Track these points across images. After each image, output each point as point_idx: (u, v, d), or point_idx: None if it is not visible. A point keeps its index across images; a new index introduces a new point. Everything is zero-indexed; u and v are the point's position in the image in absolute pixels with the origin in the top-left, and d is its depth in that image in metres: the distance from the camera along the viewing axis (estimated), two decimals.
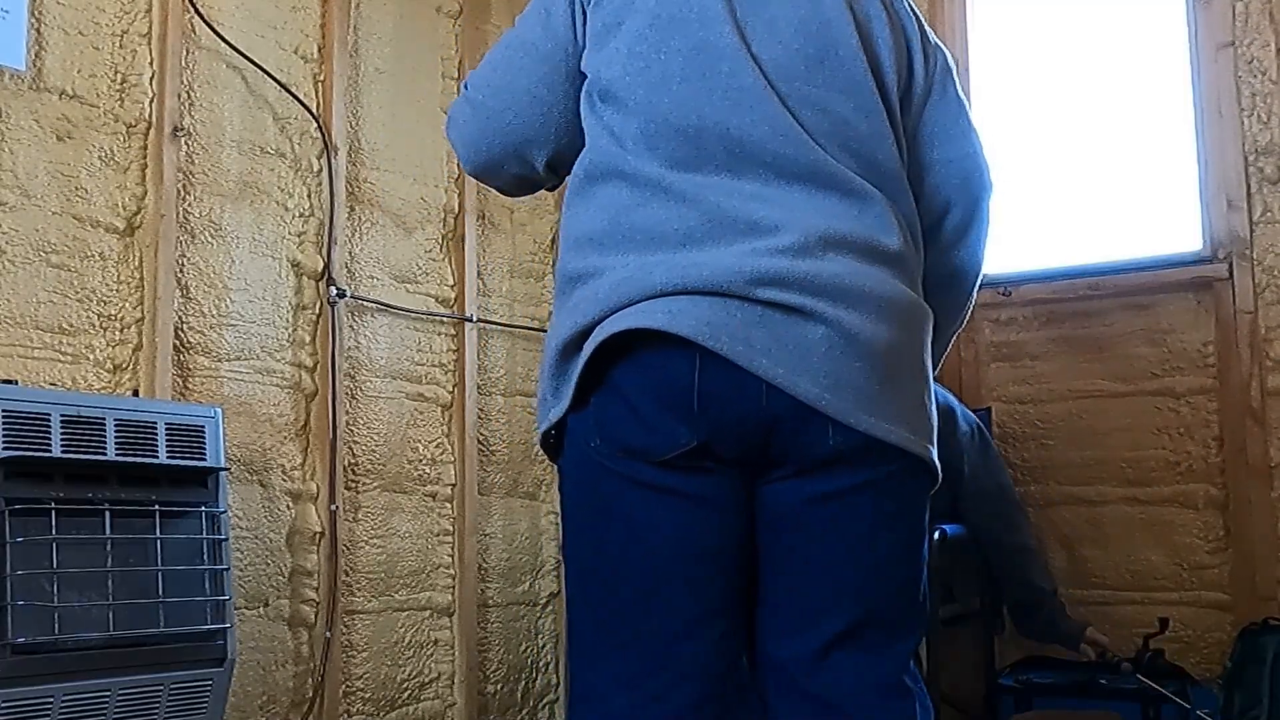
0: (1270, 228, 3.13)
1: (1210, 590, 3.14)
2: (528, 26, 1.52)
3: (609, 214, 1.40)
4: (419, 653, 3.14)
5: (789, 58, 1.42)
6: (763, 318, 1.32)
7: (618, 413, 1.36)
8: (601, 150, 1.43)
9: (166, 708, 2.19)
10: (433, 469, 3.22)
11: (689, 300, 1.32)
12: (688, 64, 1.40)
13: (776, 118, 1.39)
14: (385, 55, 3.21)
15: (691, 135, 1.38)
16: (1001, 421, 3.40)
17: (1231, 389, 3.12)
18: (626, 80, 1.41)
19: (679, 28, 1.41)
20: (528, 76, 1.50)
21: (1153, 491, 3.23)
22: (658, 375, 1.34)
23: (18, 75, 2.41)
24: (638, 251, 1.36)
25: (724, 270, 1.32)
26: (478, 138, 1.55)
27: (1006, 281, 3.47)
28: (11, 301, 2.37)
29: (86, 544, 2.12)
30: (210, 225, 2.73)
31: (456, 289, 3.32)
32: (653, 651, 1.36)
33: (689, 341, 1.31)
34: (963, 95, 1.60)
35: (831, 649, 1.38)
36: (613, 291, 1.35)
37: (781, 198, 1.37)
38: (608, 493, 1.38)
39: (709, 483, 1.36)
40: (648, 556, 1.36)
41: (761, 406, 1.33)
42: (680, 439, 1.33)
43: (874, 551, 1.39)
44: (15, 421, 2.07)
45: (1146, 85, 3.40)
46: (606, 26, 1.45)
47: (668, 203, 1.37)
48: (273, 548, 2.80)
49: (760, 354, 1.31)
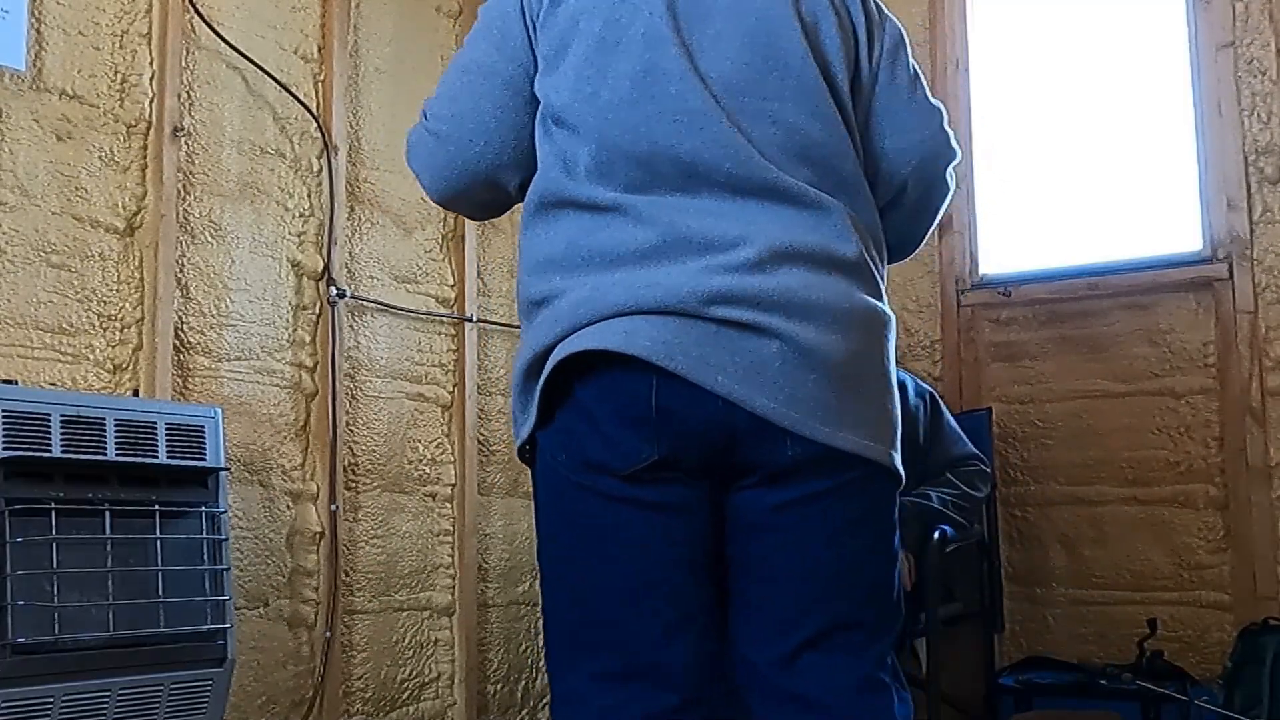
0: (1270, 228, 3.13)
1: (1210, 590, 3.14)
2: (482, 50, 1.50)
3: (567, 237, 1.41)
4: (419, 653, 3.14)
5: (737, 72, 1.41)
6: (717, 335, 1.34)
7: (582, 429, 1.39)
8: (553, 180, 1.43)
9: (166, 708, 2.19)
10: (433, 469, 3.22)
11: (645, 320, 1.34)
12: (635, 88, 1.40)
13: (727, 138, 1.39)
14: (385, 55, 3.21)
15: (644, 160, 1.39)
16: (1001, 421, 3.40)
17: (1231, 389, 3.12)
18: (576, 106, 1.41)
19: (625, 51, 1.41)
20: (491, 102, 1.48)
21: (1153, 491, 3.24)
22: (618, 393, 1.36)
23: (18, 75, 2.41)
24: (596, 272, 1.38)
25: (677, 289, 1.34)
26: (446, 167, 1.52)
27: (1006, 281, 3.47)
28: (11, 301, 2.37)
29: (86, 544, 2.12)
30: (210, 225, 2.73)
31: (456, 289, 3.32)
32: (631, 656, 1.38)
33: (645, 361, 1.33)
34: (916, 69, 1.58)
35: (804, 650, 1.41)
36: (571, 312, 1.37)
37: (737, 212, 1.38)
38: (577, 505, 1.41)
39: (675, 492, 1.39)
40: (619, 565, 1.39)
41: (719, 422, 1.35)
42: (642, 453, 1.36)
43: (841, 556, 1.42)
44: (15, 421, 2.06)
45: (1146, 85, 3.40)
46: (554, 50, 1.44)
47: (625, 224, 1.38)
48: (273, 548, 2.80)
49: (716, 371, 1.33)
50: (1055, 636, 3.31)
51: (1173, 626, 3.14)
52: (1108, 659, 3.09)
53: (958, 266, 3.52)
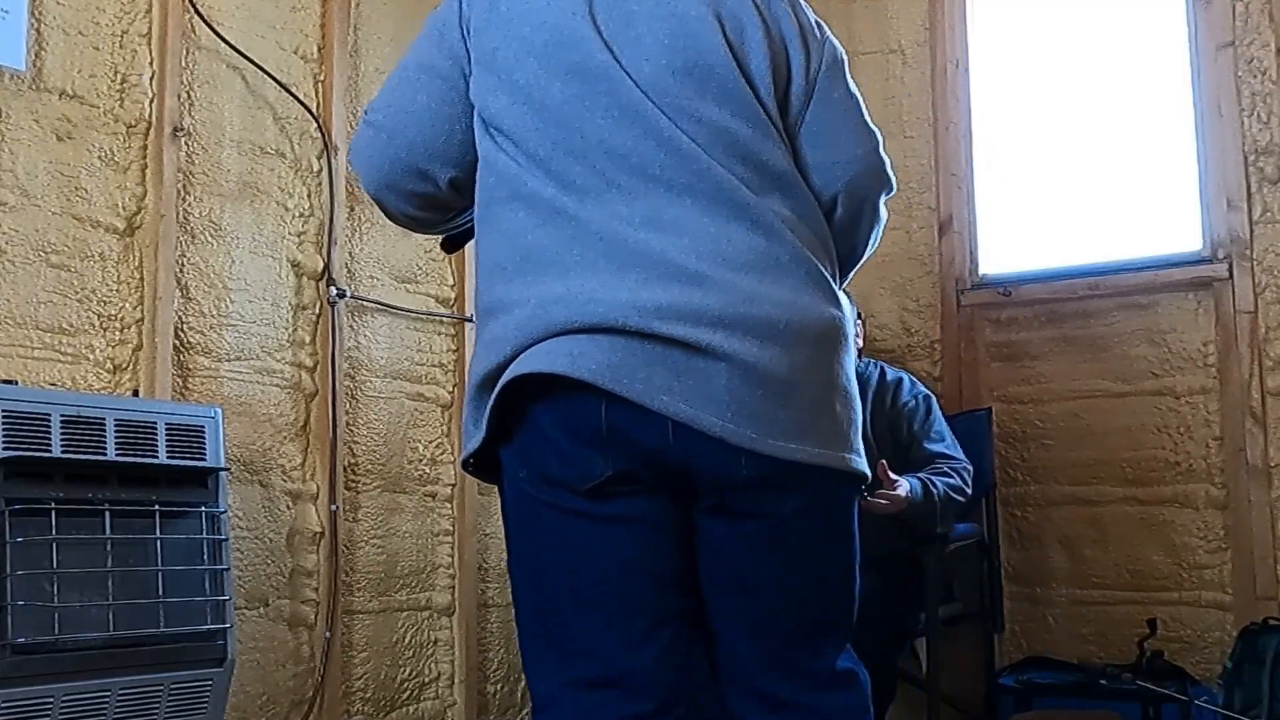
0: (1270, 228, 3.13)
1: (1210, 590, 3.14)
2: (423, 50, 1.53)
3: (508, 239, 1.42)
4: (419, 653, 3.14)
5: (658, 73, 1.43)
6: (663, 355, 1.34)
7: (538, 446, 1.41)
8: (500, 173, 1.44)
9: (166, 708, 2.19)
10: (433, 469, 3.22)
11: (589, 340, 1.34)
12: (567, 89, 1.41)
13: (660, 131, 1.40)
14: (385, 55, 3.21)
15: (579, 157, 1.40)
16: (1001, 421, 3.40)
17: (1231, 389, 3.12)
18: (513, 110, 1.43)
19: (553, 54, 1.43)
20: (428, 94, 1.50)
21: (1153, 491, 3.24)
22: (569, 413, 1.37)
23: (18, 75, 2.41)
24: (536, 279, 1.38)
25: (619, 305, 1.34)
26: (379, 156, 1.54)
27: (1006, 281, 3.47)
28: (11, 301, 2.37)
29: (86, 544, 2.12)
30: (210, 225, 2.73)
31: (456, 289, 3.32)
32: (601, 664, 1.40)
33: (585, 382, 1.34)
34: (854, 91, 1.58)
35: (778, 654, 1.46)
36: (518, 330, 1.38)
37: (674, 219, 1.39)
38: (542, 519, 1.43)
39: (636, 505, 1.41)
40: (583, 577, 1.41)
41: (669, 443, 1.36)
42: (596, 469, 1.38)
43: (806, 565, 1.46)
44: (15, 421, 2.06)
45: (1146, 85, 3.40)
46: (485, 53, 1.46)
47: (562, 225, 1.39)
48: (273, 548, 2.80)
49: (661, 392, 1.34)
50: (1055, 636, 3.31)
51: (1173, 626, 3.14)
52: (1108, 659, 3.09)
53: (958, 266, 3.52)
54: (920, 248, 3.61)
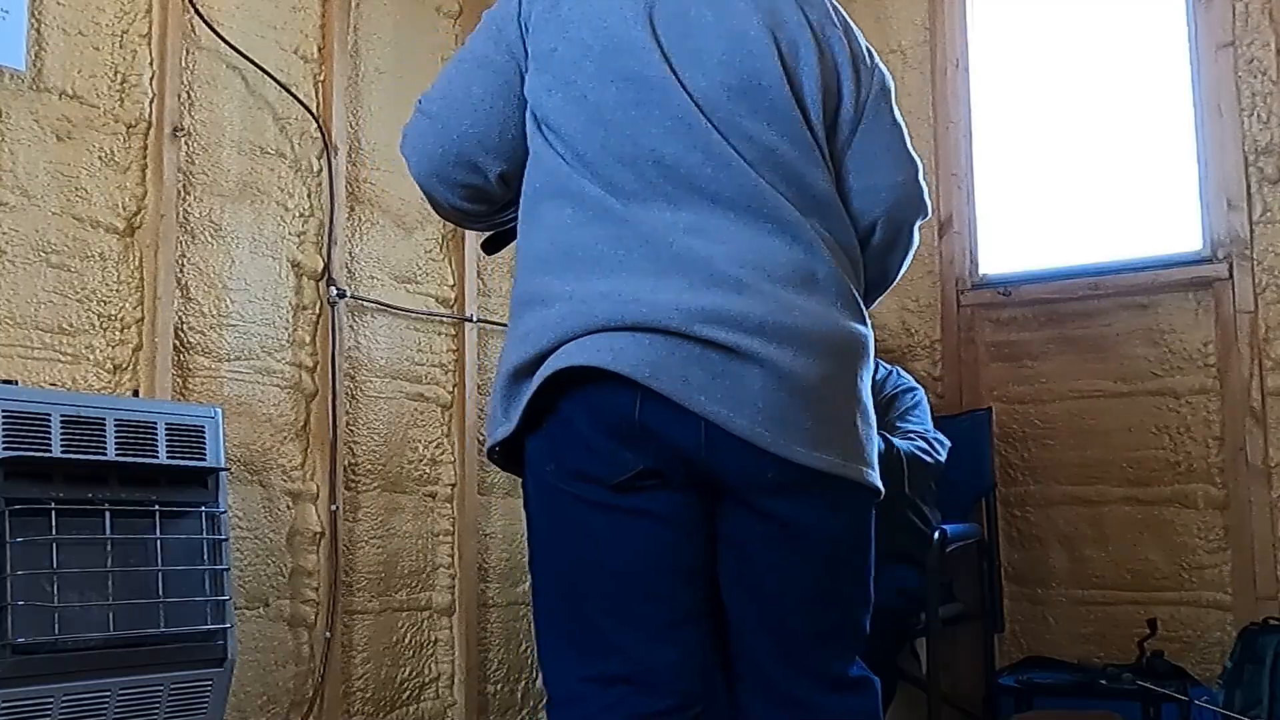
0: (1270, 228, 3.13)
1: (1210, 590, 3.14)
2: (480, 44, 1.55)
3: (552, 234, 1.45)
4: (419, 653, 3.14)
5: (713, 88, 1.45)
6: (701, 356, 1.37)
7: (568, 440, 1.43)
8: (549, 169, 1.47)
9: (166, 708, 2.19)
10: (433, 469, 3.22)
11: (630, 337, 1.37)
12: (622, 94, 1.44)
13: (710, 145, 1.43)
14: (385, 55, 3.21)
15: (628, 162, 1.43)
16: (1001, 421, 3.40)
17: (1231, 389, 3.12)
18: (566, 110, 1.46)
19: (611, 59, 1.45)
20: (482, 86, 1.52)
21: (1153, 491, 3.23)
22: (603, 407, 1.40)
23: (18, 75, 2.41)
24: (578, 275, 1.41)
25: (663, 306, 1.37)
26: (431, 146, 1.56)
27: (1006, 281, 3.47)
28: (11, 301, 2.37)
29: (86, 544, 2.12)
30: (210, 225, 2.73)
31: (456, 289, 3.32)
32: (622, 659, 1.42)
33: (631, 379, 1.36)
34: (900, 120, 1.62)
35: (794, 656, 1.49)
36: (559, 324, 1.40)
37: (717, 229, 1.42)
38: (568, 512, 1.45)
39: (662, 499, 1.43)
40: (608, 571, 1.42)
41: (700, 441, 1.39)
42: (627, 464, 1.40)
43: (824, 571, 1.49)
44: (15, 421, 2.07)
45: (1146, 85, 3.40)
46: (543, 52, 1.49)
47: (607, 224, 1.42)
48: (273, 548, 2.80)
49: (697, 391, 1.37)
50: (1055, 636, 3.31)
51: (1173, 626, 3.14)
52: (1108, 659, 3.09)
53: (958, 266, 3.52)
54: (920, 247, 3.58)
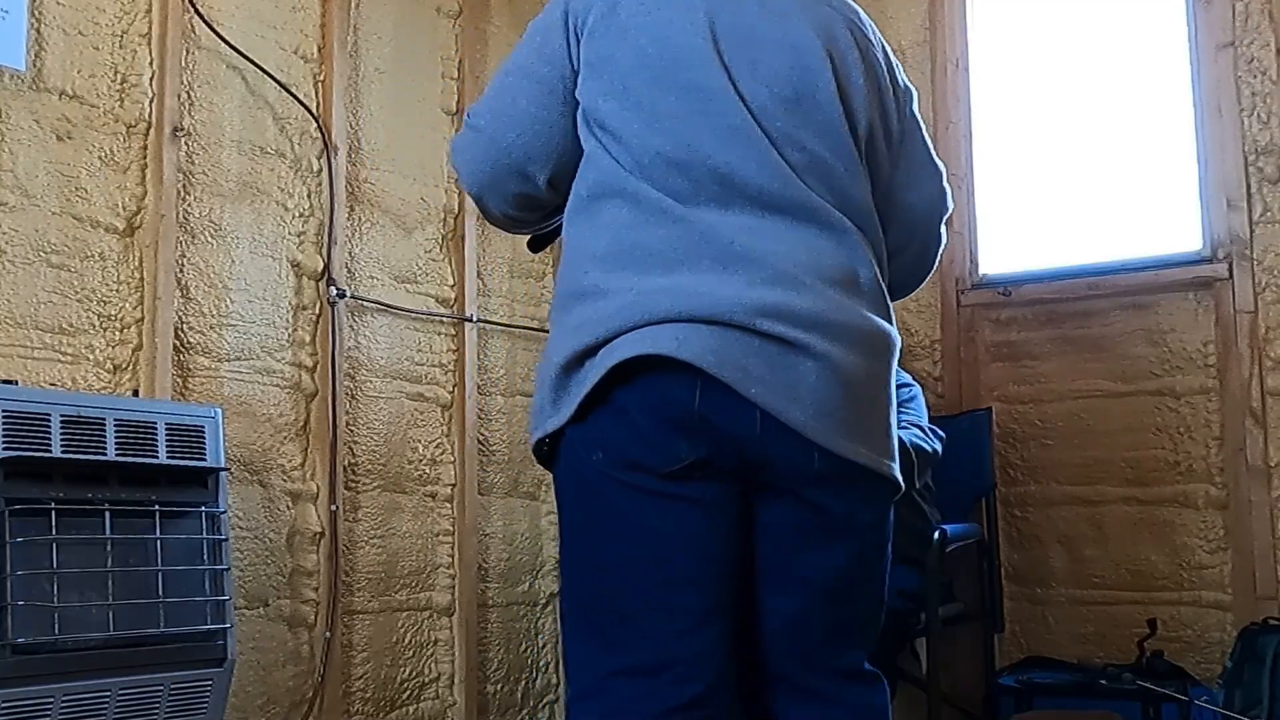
0: (1270, 228, 3.13)
1: (1210, 590, 3.13)
2: (524, 54, 1.60)
3: (611, 232, 1.48)
4: (419, 653, 3.14)
5: (770, 99, 1.50)
6: (760, 348, 1.42)
7: (620, 429, 1.45)
8: (605, 169, 1.51)
9: (166, 708, 2.19)
10: (433, 469, 3.22)
11: (693, 328, 1.41)
12: (679, 102, 1.48)
13: (763, 154, 1.48)
14: (385, 55, 3.21)
15: (683, 167, 1.47)
16: (1001, 421, 3.39)
17: (1231, 389, 3.12)
18: (623, 115, 1.50)
19: (670, 67, 1.50)
20: (527, 98, 1.57)
21: (1153, 491, 3.23)
22: (660, 396, 1.43)
23: (18, 75, 2.41)
24: (637, 271, 1.45)
25: (725, 300, 1.42)
26: (481, 158, 1.62)
27: (1006, 281, 3.47)
28: (11, 301, 2.37)
29: (86, 544, 2.12)
30: (210, 225, 2.73)
31: (456, 289, 3.32)
32: (657, 649, 1.44)
33: (691, 367, 1.40)
34: (925, 130, 1.73)
35: (817, 647, 1.54)
36: (618, 314, 1.44)
37: (768, 230, 1.47)
38: (613, 500, 1.47)
39: (710, 490, 1.46)
40: (652, 559, 1.45)
41: (755, 432, 1.43)
42: (681, 453, 1.43)
43: (853, 564, 1.54)
44: (15, 421, 2.07)
45: (1146, 85, 3.40)
46: (599, 58, 1.53)
47: (667, 223, 1.46)
48: (273, 548, 2.80)
49: (755, 382, 1.41)
50: (1055, 636, 3.31)
51: (1173, 626, 3.14)
52: (1108, 659, 3.09)
53: (958, 266, 3.52)
54: None
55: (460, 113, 3.38)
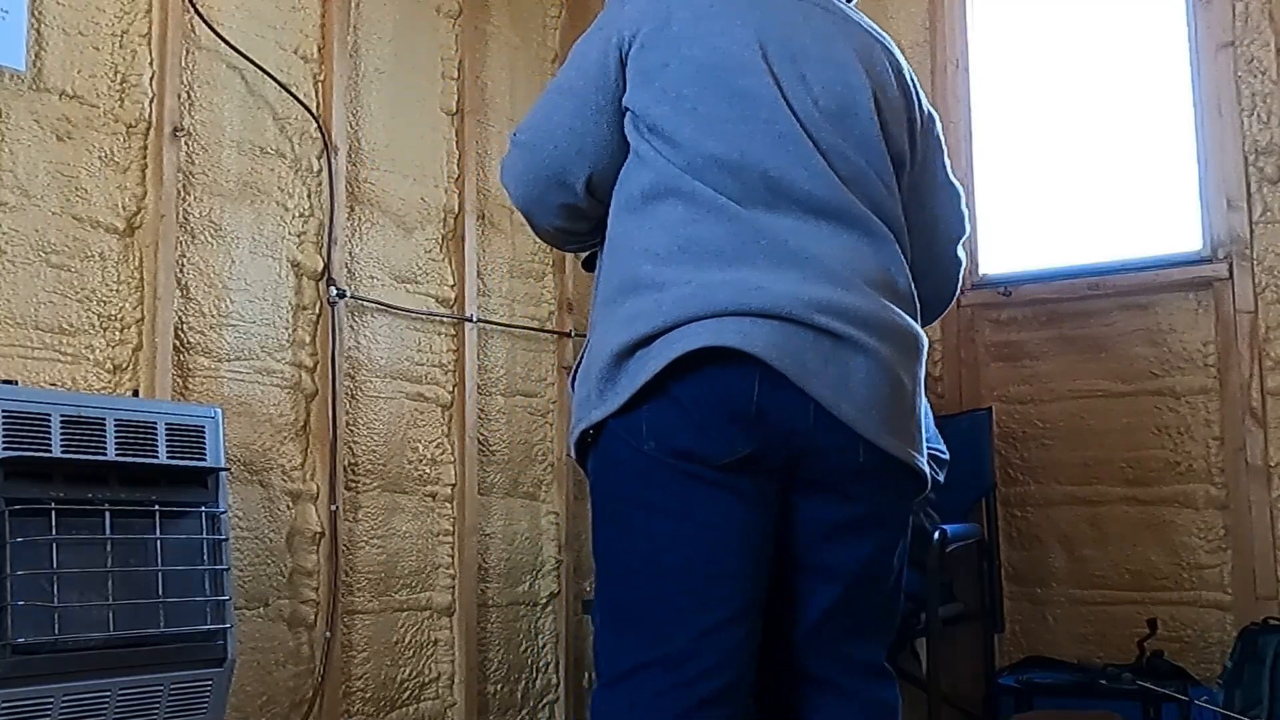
0: (1270, 228, 3.13)
1: (1210, 590, 3.13)
2: (567, 73, 1.68)
3: (667, 229, 1.52)
4: (419, 653, 3.14)
5: (816, 110, 1.57)
6: (816, 342, 1.46)
7: (674, 420, 1.48)
8: (660, 170, 1.55)
9: (166, 708, 2.19)
10: (433, 469, 3.22)
11: (753, 322, 1.45)
12: (731, 109, 1.54)
13: (810, 160, 1.53)
14: (385, 55, 3.21)
15: (734, 170, 1.52)
16: (1001, 421, 3.39)
17: (1231, 389, 3.12)
18: (676, 120, 1.54)
19: (721, 75, 1.55)
20: (564, 112, 1.64)
21: (1153, 491, 3.23)
22: (721, 389, 1.46)
23: (18, 75, 2.41)
24: (694, 266, 1.48)
25: (784, 296, 1.46)
26: (524, 172, 1.68)
27: (1006, 281, 3.47)
28: (11, 301, 2.37)
29: (86, 544, 2.12)
30: (210, 225, 2.73)
31: (456, 289, 3.32)
32: (689, 642, 1.47)
33: (753, 360, 1.44)
34: (947, 153, 1.82)
35: (838, 639, 1.58)
36: (676, 306, 1.47)
37: (815, 232, 1.52)
38: (663, 488, 1.49)
39: (758, 484, 1.50)
40: (703, 548, 1.48)
41: (809, 425, 1.47)
42: (738, 446, 1.46)
43: (883, 560, 1.60)
44: (15, 421, 2.07)
45: (1146, 85, 3.40)
46: (652, 67, 1.58)
47: (722, 221, 1.50)
48: (273, 548, 2.80)
49: (812, 376, 1.46)
50: (1055, 636, 3.31)
51: (1173, 626, 3.14)
52: (1108, 659, 3.09)
53: None
54: None
55: (460, 113, 3.38)
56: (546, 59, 3.69)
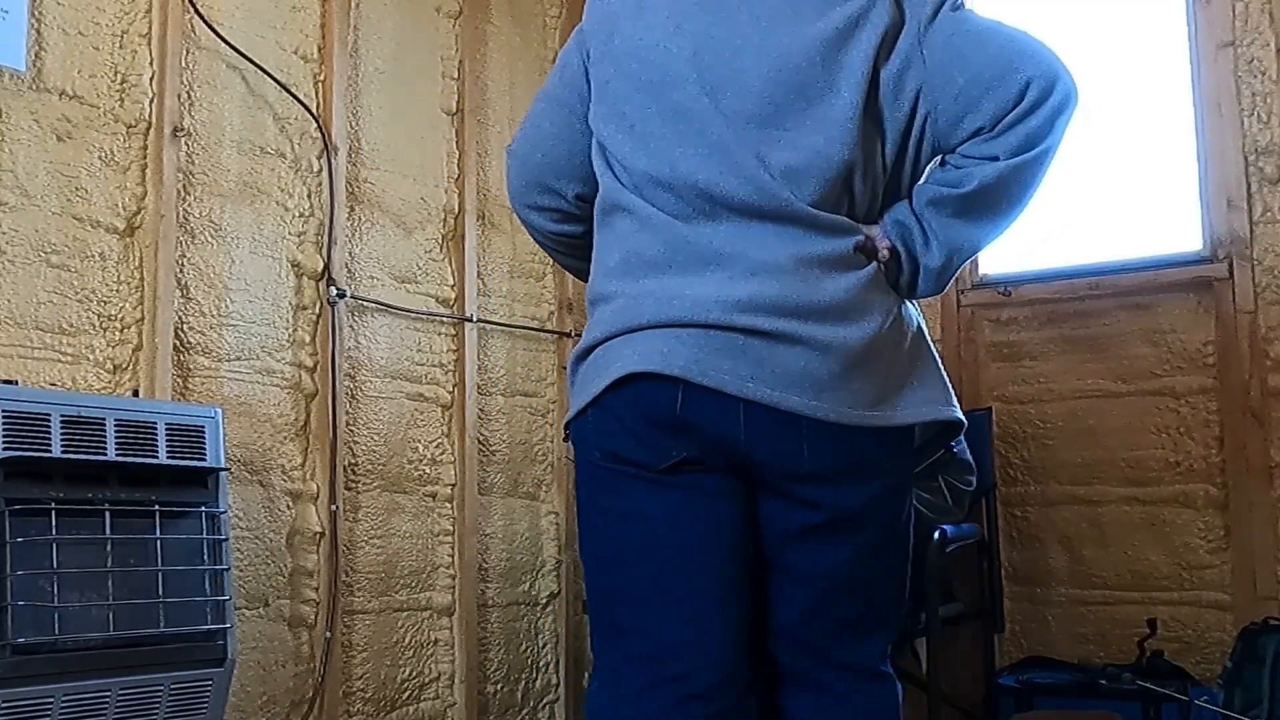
0: (1270, 228, 3.13)
1: (1210, 590, 3.13)
2: (550, 83, 1.72)
3: (616, 241, 1.58)
4: (419, 653, 3.14)
5: (759, 106, 1.52)
6: (745, 345, 1.46)
7: (611, 429, 1.53)
8: (610, 187, 1.60)
9: (166, 708, 2.19)
10: (433, 469, 3.22)
11: (675, 336, 1.47)
12: (664, 124, 1.55)
13: (743, 168, 1.51)
14: (385, 55, 3.21)
15: (668, 186, 1.53)
16: (1001, 421, 3.39)
17: (1231, 389, 3.12)
18: (618, 138, 1.58)
19: (653, 90, 1.56)
20: (549, 120, 1.69)
21: (1153, 491, 3.23)
22: (645, 401, 1.49)
23: (18, 75, 2.41)
24: (631, 278, 1.54)
25: (705, 301, 1.47)
26: (515, 178, 1.74)
27: (1006, 281, 3.47)
28: (11, 301, 2.37)
29: (86, 544, 2.12)
30: (210, 225, 2.73)
31: (456, 289, 3.32)
32: (663, 635, 1.49)
33: (675, 377, 1.46)
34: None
35: (822, 640, 1.58)
36: (614, 318, 1.54)
37: (748, 234, 1.51)
38: (615, 491, 1.54)
39: (710, 479, 1.52)
40: (659, 546, 1.50)
41: (740, 433, 1.47)
42: (670, 452, 1.50)
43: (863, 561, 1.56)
44: (15, 421, 2.07)
45: (1146, 84, 3.40)
46: (600, 83, 1.62)
47: (659, 233, 1.53)
48: (273, 548, 2.80)
49: (746, 380, 1.46)
50: (1055, 636, 3.31)
51: (1173, 626, 3.14)
52: (1108, 659, 3.09)
53: None
54: None
55: (460, 113, 3.39)
56: (546, 59, 3.69)
